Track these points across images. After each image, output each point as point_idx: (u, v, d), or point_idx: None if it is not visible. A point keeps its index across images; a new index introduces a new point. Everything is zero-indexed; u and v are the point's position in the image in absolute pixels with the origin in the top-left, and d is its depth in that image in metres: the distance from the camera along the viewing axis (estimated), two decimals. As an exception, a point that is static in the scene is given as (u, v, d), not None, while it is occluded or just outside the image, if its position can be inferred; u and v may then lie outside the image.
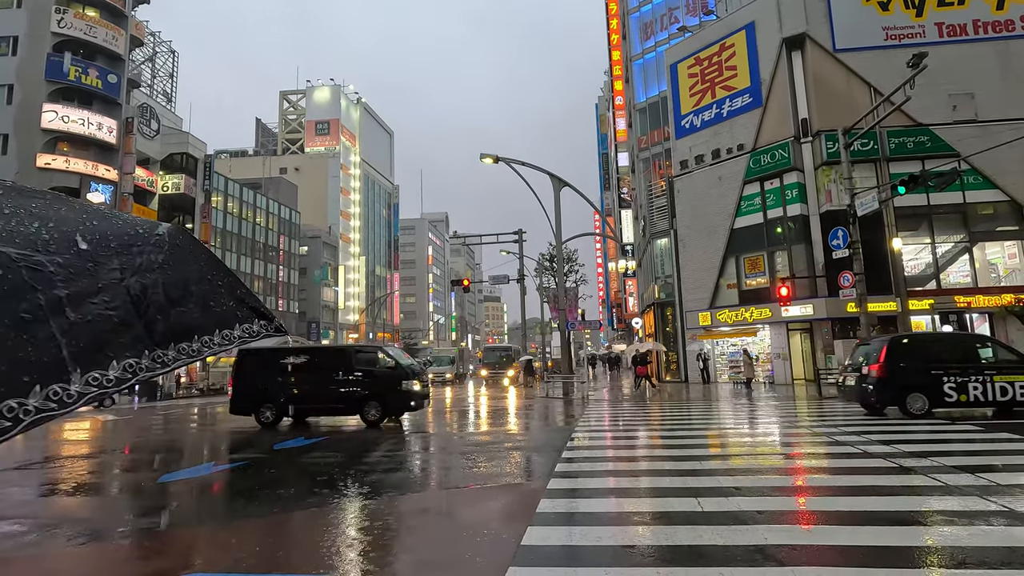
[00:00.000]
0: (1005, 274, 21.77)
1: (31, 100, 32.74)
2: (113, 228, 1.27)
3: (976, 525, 4.47)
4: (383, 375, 12.90)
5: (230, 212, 49.53)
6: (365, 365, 13.05)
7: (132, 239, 1.27)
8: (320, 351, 15.07)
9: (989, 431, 9.43)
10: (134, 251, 1.26)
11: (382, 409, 12.69)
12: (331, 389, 12.80)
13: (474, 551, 4.41)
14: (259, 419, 12.98)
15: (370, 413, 12.61)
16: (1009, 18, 21.87)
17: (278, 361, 13.35)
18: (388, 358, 13.30)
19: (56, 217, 1.21)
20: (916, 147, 21.25)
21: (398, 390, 12.72)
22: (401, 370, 13.07)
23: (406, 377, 12.95)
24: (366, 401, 12.66)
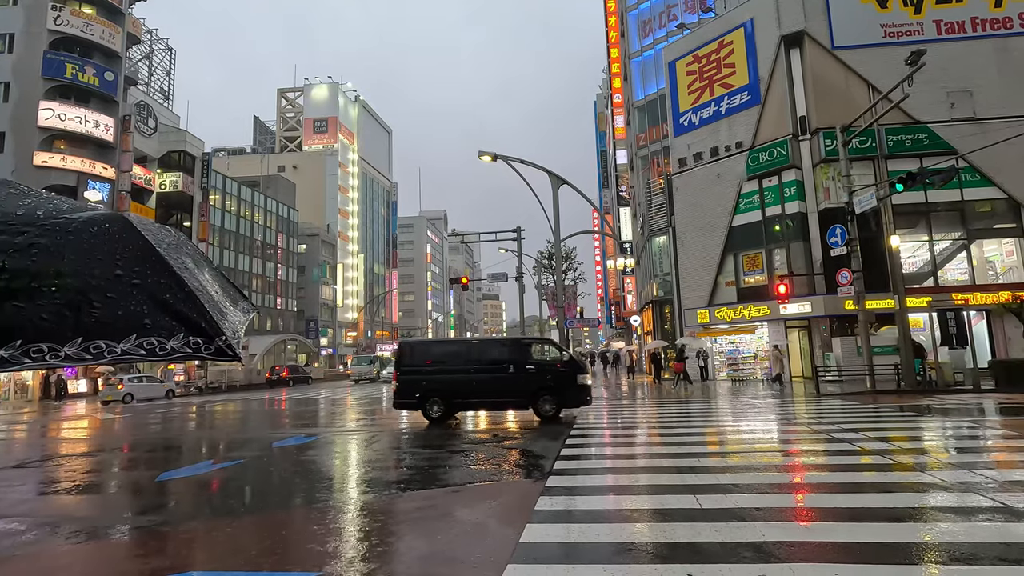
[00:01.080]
0: (1003, 271, 21.81)
1: (28, 98, 32.62)
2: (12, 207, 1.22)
3: (973, 522, 4.49)
4: (559, 369, 12.61)
5: (228, 210, 49.43)
6: (539, 358, 12.82)
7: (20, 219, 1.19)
8: (490, 343, 14.76)
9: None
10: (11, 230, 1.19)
11: (557, 403, 12.39)
12: (503, 382, 12.43)
13: (471, 548, 4.42)
14: (427, 414, 12.66)
15: (544, 407, 12.31)
16: (1007, 15, 21.87)
17: (444, 353, 13.16)
18: (560, 351, 13.04)
19: None
20: (914, 145, 21.26)
21: (575, 384, 12.44)
22: (576, 364, 12.85)
23: (581, 371, 12.71)
24: (540, 395, 12.37)
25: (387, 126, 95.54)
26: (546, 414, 12.32)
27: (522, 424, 12.60)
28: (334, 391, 28.90)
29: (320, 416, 16.46)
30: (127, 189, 35.50)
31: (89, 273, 1.21)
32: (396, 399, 12.99)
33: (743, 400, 15.78)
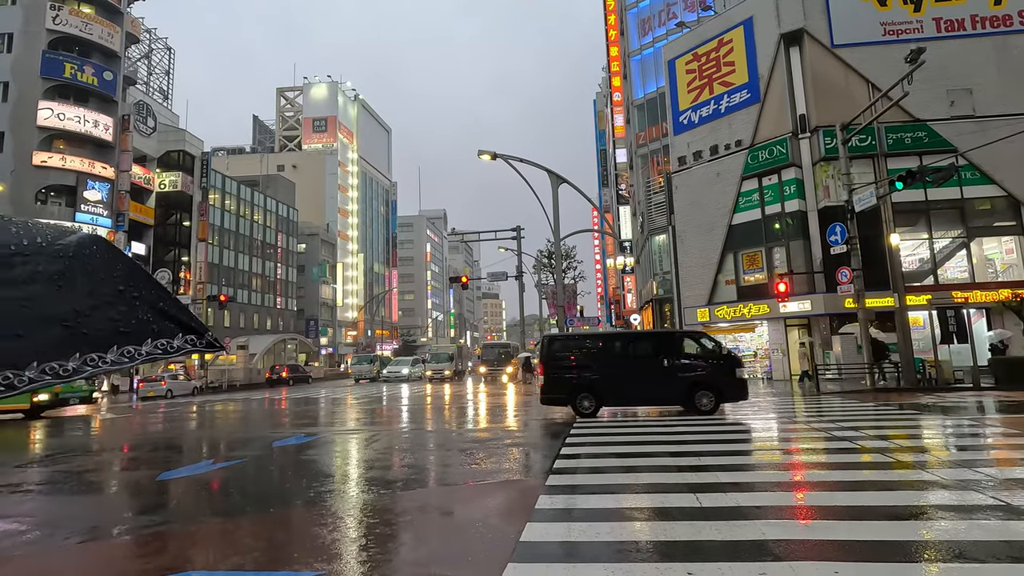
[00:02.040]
0: (1002, 269, 21.81)
1: (27, 97, 32.60)
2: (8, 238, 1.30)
3: (973, 520, 4.49)
4: (717, 362, 12.32)
5: (228, 210, 49.41)
6: (695, 351, 12.58)
7: (22, 249, 1.29)
8: (642, 336, 14.36)
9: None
10: (16, 262, 1.27)
11: (715, 397, 12.07)
12: (657, 377, 12.15)
13: (471, 547, 4.42)
14: (577, 409, 12.38)
15: (702, 401, 12.02)
16: (1007, 13, 21.85)
17: (595, 346, 12.92)
18: (717, 344, 12.83)
19: None
20: (914, 143, 21.25)
21: (734, 377, 12.13)
22: (733, 357, 12.63)
23: (739, 364, 12.49)
24: (697, 389, 12.08)
25: (386, 125, 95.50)
26: (703, 408, 11.97)
27: (522, 422, 12.60)
28: (334, 390, 28.90)
29: (320, 416, 16.47)
30: (126, 189, 35.49)
31: (102, 292, 1.38)
32: (545, 394, 12.69)
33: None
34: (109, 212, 34.56)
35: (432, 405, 18.35)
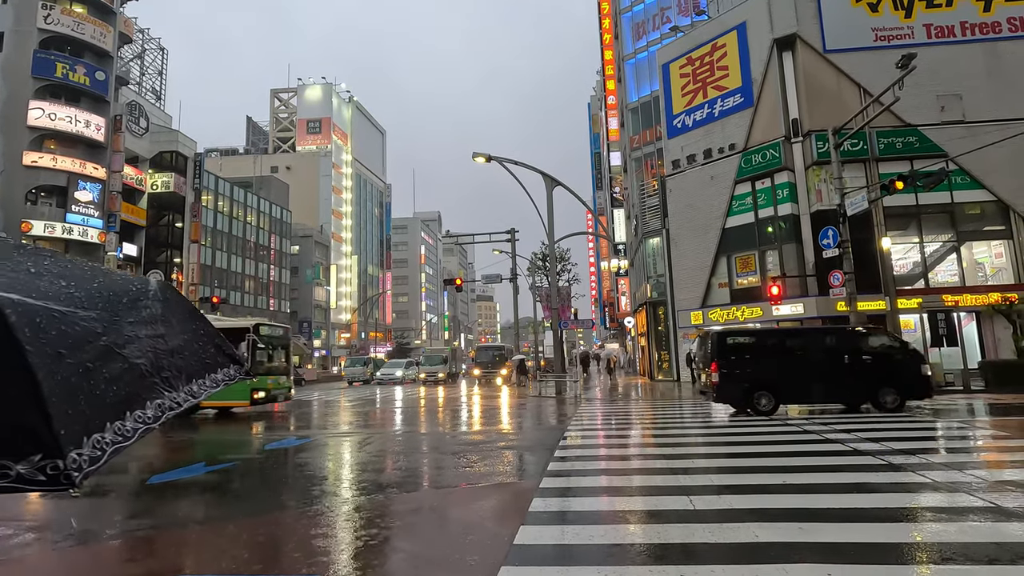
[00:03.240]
0: (992, 273, 22.02)
1: (17, 97, 32.32)
2: (117, 285, 1.35)
3: (964, 522, 4.53)
4: (900, 358, 12.04)
5: (221, 211, 49.16)
6: (877, 348, 12.28)
7: (135, 294, 1.35)
8: (820, 332, 14.09)
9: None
10: (140, 305, 1.34)
11: (901, 395, 11.78)
12: (838, 374, 11.82)
13: (465, 550, 4.41)
14: (754, 407, 12.10)
15: (887, 399, 11.72)
16: (996, 20, 22.11)
17: (772, 343, 12.72)
18: (900, 341, 12.58)
19: (70, 275, 1.24)
20: (905, 147, 21.44)
21: (919, 374, 11.83)
22: (917, 353, 12.36)
23: (923, 360, 12.20)
24: (881, 386, 11.77)
25: (381, 127, 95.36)
26: (888, 406, 11.69)
27: (515, 425, 12.59)
28: (328, 393, 28.78)
29: (313, 418, 16.39)
30: (118, 189, 35.24)
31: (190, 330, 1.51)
32: (719, 393, 12.33)
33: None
34: (100, 213, 34.30)
35: (426, 408, 18.31)
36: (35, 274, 1.14)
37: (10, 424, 0.87)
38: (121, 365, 1.12)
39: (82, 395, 0.98)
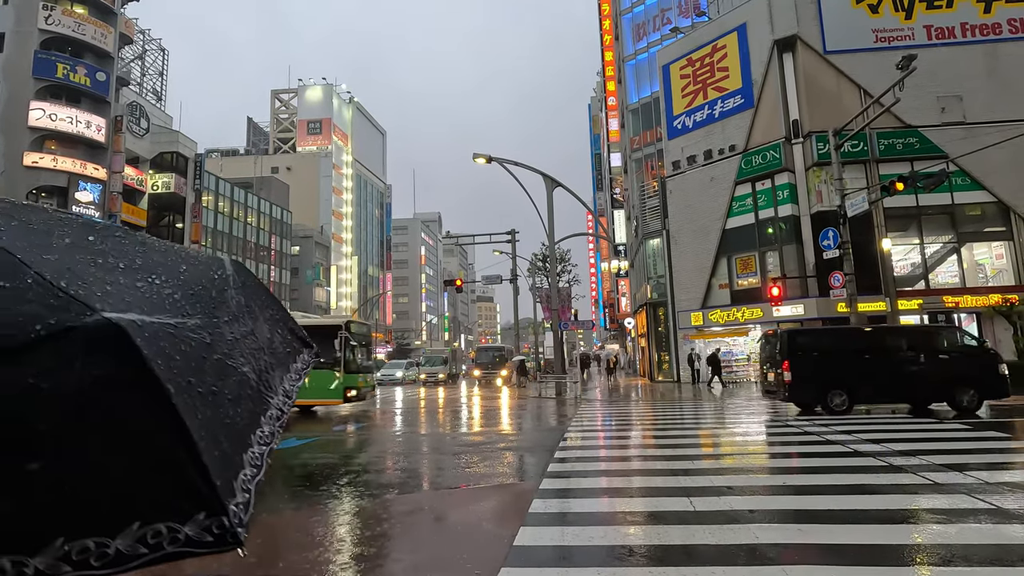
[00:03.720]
0: (992, 274, 22.01)
1: (18, 97, 32.34)
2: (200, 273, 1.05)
3: (965, 523, 4.51)
4: (976, 358, 11.88)
5: (221, 212, 49.19)
6: (951, 346, 12.16)
7: (219, 284, 1.06)
8: (895, 331, 13.94)
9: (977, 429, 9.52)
10: (227, 297, 1.05)
11: (978, 394, 11.54)
12: (914, 373, 11.69)
13: (464, 552, 4.40)
14: (827, 406, 11.90)
15: (963, 399, 11.54)
16: (996, 21, 22.12)
17: (847, 343, 12.60)
18: (976, 340, 12.46)
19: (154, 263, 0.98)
20: (905, 148, 21.44)
21: (996, 373, 11.61)
22: (994, 352, 12.25)
23: (1000, 360, 12.05)
24: (957, 385, 11.58)
25: (381, 128, 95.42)
26: (965, 407, 11.52)
27: (516, 426, 12.58)
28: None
29: (314, 419, 16.37)
30: (119, 190, 35.25)
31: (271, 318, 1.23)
32: (792, 392, 12.18)
33: (737, 403, 15.82)
34: (101, 213, 34.31)
35: (426, 408, 18.30)
36: (125, 270, 0.90)
37: (170, 482, 0.75)
38: (236, 380, 0.93)
39: (219, 430, 0.83)
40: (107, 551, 0.70)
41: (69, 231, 0.90)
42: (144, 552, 0.73)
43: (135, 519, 0.73)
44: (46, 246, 0.83)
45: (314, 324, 16.87)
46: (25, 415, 0.69)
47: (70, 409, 0.71)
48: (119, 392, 0.73)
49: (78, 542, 0.69)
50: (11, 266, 0.75)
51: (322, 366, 15.47)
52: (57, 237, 0.87)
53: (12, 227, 0.83)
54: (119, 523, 0.72)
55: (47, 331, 0.71)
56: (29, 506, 0.68)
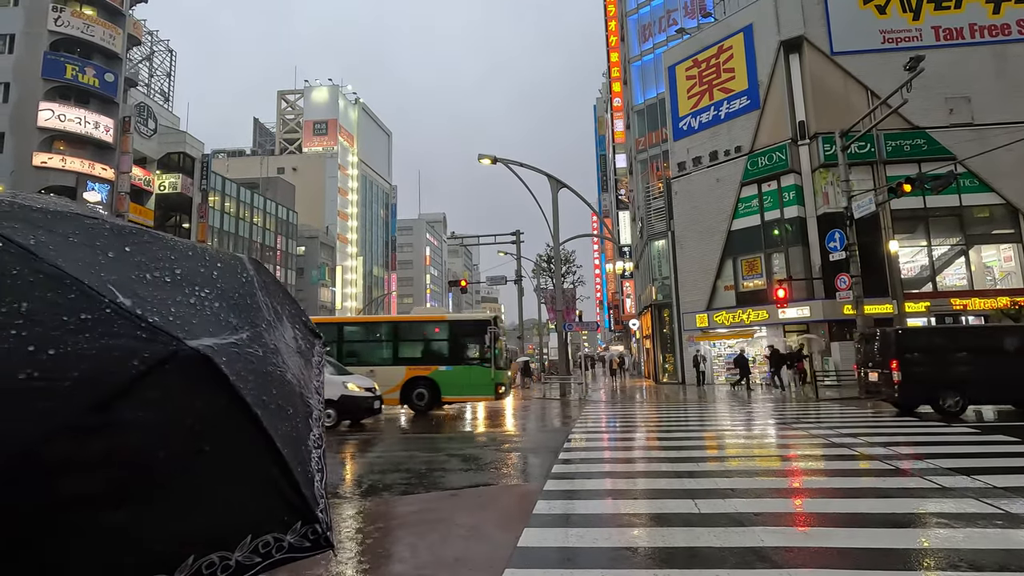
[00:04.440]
0: (1001, 277, 21.85)
1: (27, 98, 32.62)
2: (232, 278, 1.01)
3: (972, 528, 4.48)
4: None
5: (227, 212, 49.43)
6: None
7: (247, 287, 1.02)
8: (1009, 329, 13.74)
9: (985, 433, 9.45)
10: (258, 302, 1.01)
11: None
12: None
13: (468, 553, 4.40)
14: (939, 407, 11.55)
15: None
16: (1005, 22, 21.96)
17: (961, 342, 12.35)
18: None
19: (193, 275, 0.94)
20: (913, 150, 21.32)
21: None
22: None
23: None
24: None
25: (387, 128, 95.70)
26: None
27: (520, 427, 12.58)
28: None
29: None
30: (126, 190, 35.50)
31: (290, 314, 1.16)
32: (902, 393, 11.82)
33: (742, 404, 15.76)
34: (108, 213, 34.41)
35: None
36: (171, 284, 0.88)
37: (271, 497, 0.82)
38: (287, 390, 0.92)
39: (292, 442, 0.86)
40: (229, 563, 0.78)
41: (103, 241, 0.89)
42: (258, 561, 0.81)
43: (248, 533, 0.80)
44: (97, 264, 0.83)
45: (463, 319, 16.85)
46: (145, 449, 0.73)
47: (181, 439, 0.76)
48: (218, 418, 0.79)
49: (206, 558, 0.76)
50: (84, 295, 0.76)
51: (474, 362, 15.65)
52: (100, 251, 0.86)
53: (61, 244, 0.82)
54: (236, 538, 0.79)
55: (145, 365, 0.74)
56: (161, 531, 0.74)
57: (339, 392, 11.88)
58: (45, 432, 0.68)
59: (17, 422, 0.67)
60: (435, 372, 15.62)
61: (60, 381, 0.70)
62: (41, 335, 0.71)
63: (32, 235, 0.79)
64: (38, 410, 0.68)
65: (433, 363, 15.76)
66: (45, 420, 0.68)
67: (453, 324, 16.29)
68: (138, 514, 0.73)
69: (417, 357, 16.14)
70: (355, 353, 16.17)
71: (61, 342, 0.72)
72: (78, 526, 0.69)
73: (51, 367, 0.70)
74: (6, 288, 0.73)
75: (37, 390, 0.69)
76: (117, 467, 0.72)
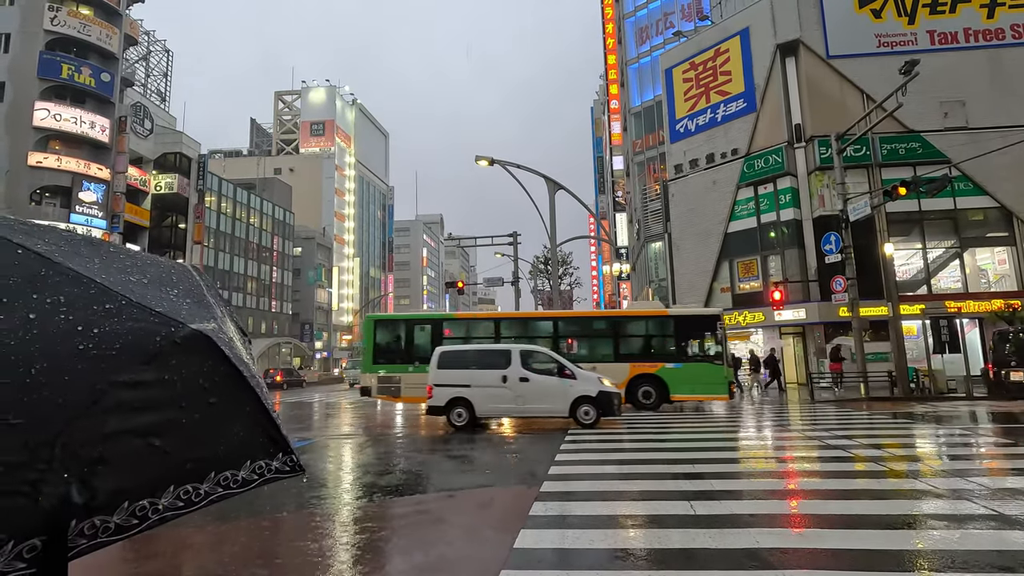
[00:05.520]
0: (995, 279, 21.98)
1: (23, 98, 32.50)
2: (187, 281, 1.24)
3: (966, 529, 4.51)
4: None
5: (224, 212, 49.29)
6: None
7: (199, 289, 1.25)
8: None
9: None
10: (210, 300, 1.24)
11: None
12: None
13: (465, 554, 4.40)
14: None
15: None
16: (999, 27, 22.13)
17: None
18: None
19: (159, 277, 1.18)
20: (908, 153, 21.45)
21: None
22: None
23: None
24: None
25: (384, 129, 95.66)
26: None
27: (517, 429, 12.58)
28: (328, 395, 28.78)
29: (314, 420, 16.39)
30: (122, 190, 35.37)
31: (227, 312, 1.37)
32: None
33: (739, 406, 15.79)
34: (104, 214, 34.43)
35: (427, 410, 18.26)
36: (150, 284, 1.12)
37: (261, 434, 1.09)
38: (249, 364, 1.15)
39: (265, 399, 1.11)
40: (238, 478, 1.06)
41: (86, 251, 1.11)
42: (256, 478, 1.08)
43: (247, 458, 1.08)
44: (94, 268, 1.05)
45: (691, 314, 16.23)
46: (173, 399, 1.00)
47: (196, 392, 1.02)
48: (220, 378, 1.05)
49: (222, 474, 1.04)
50: (102, 291, 1.01)
51: (703, 358, 15.02)
52: (87, 258, 1.08)
53: (61, 251, 1.04)
54: (240, 461, 1.07)
55: (164, 341, 1.00)
56: (188, 454, 1.02)
57: (597, 388, 11.44)
58: (107, 382, 0.94)
59: (87, 373, 0.92)
60: (662, 369, 14.86)
61: (108, 350, 0.95)
62: (84, 319, 0.96)
63: (38, 244, 1.02)
64: (99, 368, 0.94)
65: (659, 360, 15.02)
66: (104, 375, 0.94)
67: (680, 319, 15.52)
68: (172, 442, 0.99)
69: (641, 353, 15.35)
70: (573, 349, 15.56)
71: (100, 324, 0.96)
72: (134, 446, 0.96)
73: (100, 341, 0.95)
74: (43, 285, 0.96)
75: (95, 356, 0.94)
76: (155, 410, 0.98)
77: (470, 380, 11.68)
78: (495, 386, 11.53)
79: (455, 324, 17.25)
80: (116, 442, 0.94)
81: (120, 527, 0.95)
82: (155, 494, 0.98)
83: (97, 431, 0.92)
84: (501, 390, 11.51)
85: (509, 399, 11.53)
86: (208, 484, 1.03)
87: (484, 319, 17.90)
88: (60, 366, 0.91)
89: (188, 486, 1.01)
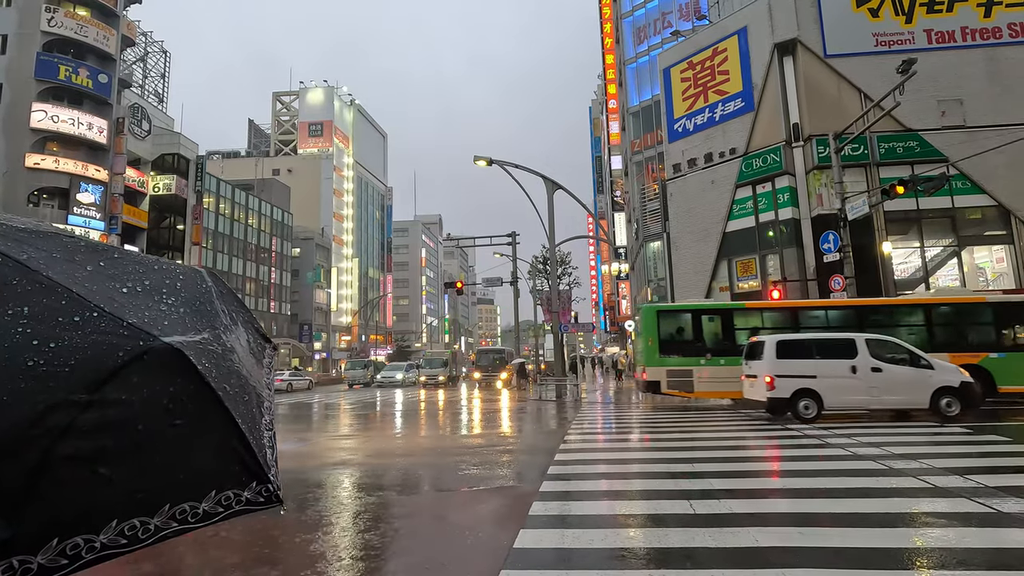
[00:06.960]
0: (993, 278, 22.01)
1: (20, 99, 32.44)
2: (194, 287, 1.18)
3: (964, 527, 4.52)
4: None
5: (222, 213, 49.25)
6: None
7: (207, 296, 1.19)
8: None
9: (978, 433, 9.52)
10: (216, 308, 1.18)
11: None
12: None
13: (465, 554, 4.40)
14: None
15: None
16: (996, 26, 22.16)
17: None
18: None
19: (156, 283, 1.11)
20: (905, 152, 21.46)
21: None
22: None
23: None
24: None
25: (382, 130, 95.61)
26: None
27: (516, 428, 12.58)
28: (328, 396, 28.77)
29: (313, 421, 16.39)
30: (120, 192, 35.32)
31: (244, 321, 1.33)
32: None
33: (738, 406, 15.80)
34: (102, 215, 34.39)
35: (426, 411, 18.30)
36: (143, 293, 1.06)
37: (232, 461, 1.00)
38: (243, 382, 1.08)
39: (249, 421, 1.04)
40: (198, 511, 0.95)
41: (81, 257, 1.05)
42: (221, 511, 0.98)
43: (212, 488, 0.98)
44: (79, 276, 1.00)
45: (1014, 300, 15.07)
46: (130, 421, 0.91)
47: (158, 414, 0.93)
48: (188, 399, 0.96)
49: (179, 506, 0.94)
50: (74, 301, 0.94)
51: None
52: (79, 265, 1.03)
53: (47, 259, 0.98)
54: (203, 492, 0.97)
55: (128, 356, 0.92)
56: (141, 484, 0.92)
57: (959, 378, 10.74)
58: (50, 403, 0.85)
59: (29, 394, 0.84)
60: (985, 360, 13.76)
61: (61, 367, 0.87)
62: (43, 332, 0.89)
63: (24, 251, 0.96)
64: (45, 388, 0.85)
65: (981, 350, 13.99)
66: (50, 394, 0.85)
67: (1002, 306, 14.56)
68: (121, 470, 0.90)
69: (959, 342, 14.30)
70: None
71: (59, 338, 0.89)
72: (74, 475, 0.86)
73: (52, 357, 0.87)
74: (10, 295, 0.90)
75: (43, 374, 0.86)
76: (105, 434, 0.88)
77: (815, 371, 10.96)
78: (844, 376, 10.80)
79: (747, 314, 16.19)
80: (53, 470, 0.84)
81: (44, 568, 0.83)
82: (93, 529, 0.87)
83: (31, 457, 0.83)
84: (852, 381, 10.78)
85: (862, 390, 10.82)
86: (160, 518, 0.91)
87: (779, 308, 16.74)
88: None
89: (135, 520, 0.90)
